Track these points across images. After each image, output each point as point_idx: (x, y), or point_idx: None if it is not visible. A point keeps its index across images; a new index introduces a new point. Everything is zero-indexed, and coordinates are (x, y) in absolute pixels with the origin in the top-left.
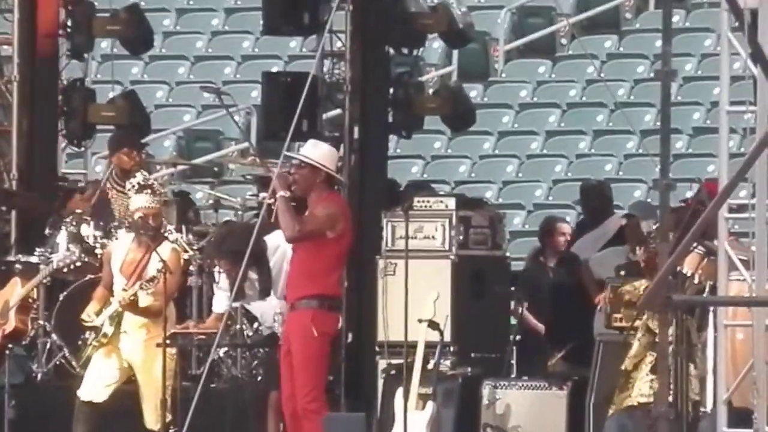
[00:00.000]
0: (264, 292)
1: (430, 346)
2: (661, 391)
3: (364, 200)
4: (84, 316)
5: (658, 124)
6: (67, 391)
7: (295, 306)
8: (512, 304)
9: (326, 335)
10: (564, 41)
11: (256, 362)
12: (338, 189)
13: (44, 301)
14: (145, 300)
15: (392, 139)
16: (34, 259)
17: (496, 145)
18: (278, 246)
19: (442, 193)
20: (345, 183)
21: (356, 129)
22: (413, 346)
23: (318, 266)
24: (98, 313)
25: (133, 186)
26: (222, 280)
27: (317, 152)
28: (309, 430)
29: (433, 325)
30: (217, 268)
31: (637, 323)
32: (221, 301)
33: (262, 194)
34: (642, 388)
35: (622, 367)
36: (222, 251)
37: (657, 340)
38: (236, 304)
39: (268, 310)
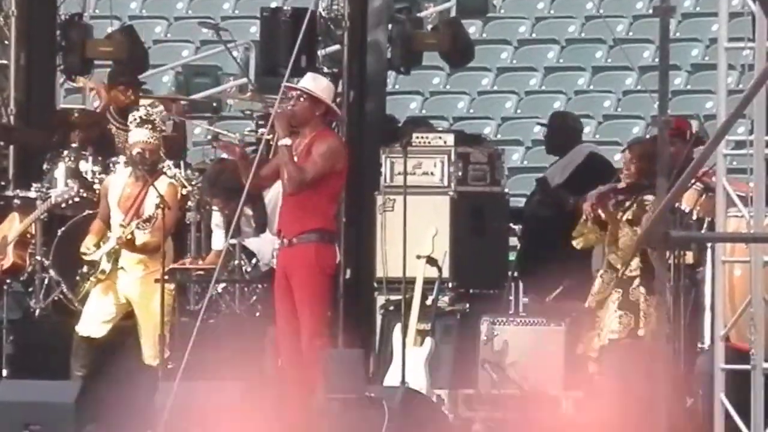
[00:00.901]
0: (260, 228)
1: (428, 282)
2: (659, 327)
3: (362, 136)
4: (83, 248)
5: (657, 60)
6: (65, 326)
7: (293, 241)
8: None
9: (328, 268)
10: None
11: (254, 298)
12: (336, 126)
13: (42, 236)
14: (142, 237)
15: (391, 75)
16: (32, 195)
17: (494, 81)
18: None
19: (440, 129)
20: (343, 119)
21: (355, 65)
22: (412, 282)
23: (317, 202)
24: (96, 246)
25: (135, 119)
26: (217, 217)
27: (317, 85)
28: (313, 366)
29: (431, 261)
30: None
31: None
32: (219, 237)
33: (261, 130)
34: (611, 325)
35: (586, 305)
36: (215, 189)
37: (620, 276)
38: (234, 241)
39: (266, 245)
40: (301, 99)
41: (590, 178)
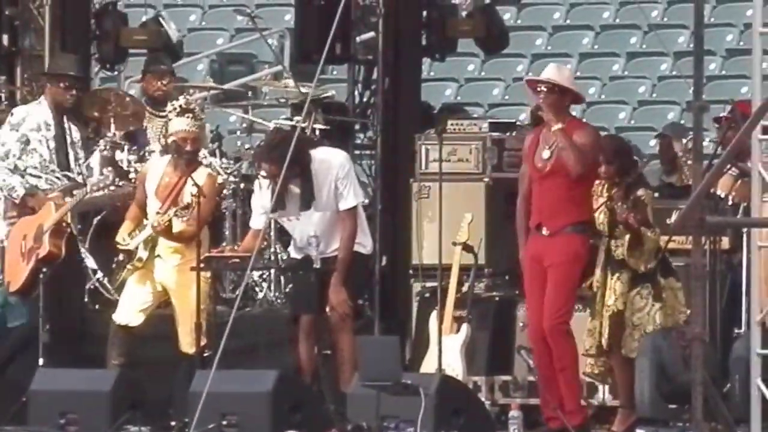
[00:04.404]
0: (306, 204)
1: (464, 269)
2: (695, 312)
3: (397, 123)
4: (118, 239)
5: (692, 45)
6: (102, 314)
7: (559, 232)
8: None
9: (584, 257)
10: None
11: (290, 285)
12: (371, 112)
13: (78, 225)
14: (178, 225)
15: (426, 61)
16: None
17: (529, 68)
18: (323, 160)
19: (475, 115)
20: (379, 106)
21: (390, 52)
22: (447, 268)
23: (581, 193)
24: (131, 235)
25: (174, 108)
26: (256, 195)
27: (562, 75)
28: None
29: (467, 247)
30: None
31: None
32: (258, 217)
33: (296, 117)
34: (654, 320)
35: (610, 310)
36: (273, 156)
37: (641, 270)
38: (273, 215)
39: (305, 229)
40: (553, 90)
41: None
